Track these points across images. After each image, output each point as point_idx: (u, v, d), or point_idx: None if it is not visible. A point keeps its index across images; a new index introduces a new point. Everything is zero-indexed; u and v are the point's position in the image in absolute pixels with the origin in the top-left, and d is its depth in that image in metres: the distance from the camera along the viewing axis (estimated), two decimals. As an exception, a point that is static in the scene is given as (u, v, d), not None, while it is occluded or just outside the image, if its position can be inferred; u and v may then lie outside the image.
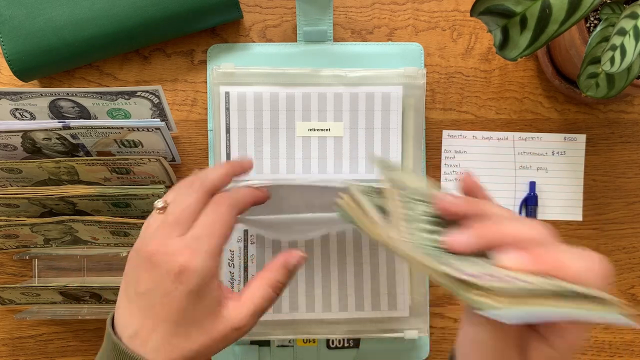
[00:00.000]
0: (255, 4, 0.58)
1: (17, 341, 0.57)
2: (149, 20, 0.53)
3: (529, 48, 0.41)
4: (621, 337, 0.58)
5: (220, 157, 0.54)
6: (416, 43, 0.57)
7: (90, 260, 0.57)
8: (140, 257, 0.37)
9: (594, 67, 0.44)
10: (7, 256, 0.57)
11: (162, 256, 0.36)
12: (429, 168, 0.57)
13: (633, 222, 0.58)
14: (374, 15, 0.58)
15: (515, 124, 0.58)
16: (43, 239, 0.53)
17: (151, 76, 0.57)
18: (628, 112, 0.58)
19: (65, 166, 0.50)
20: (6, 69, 0.56)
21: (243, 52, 0.57)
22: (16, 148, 0.52)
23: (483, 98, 0.57)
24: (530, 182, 0.57)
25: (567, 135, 0.57)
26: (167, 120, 0.52)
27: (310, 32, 0.55)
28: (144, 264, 0.37)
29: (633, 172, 0.58)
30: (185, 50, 0.57)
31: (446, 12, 0.58)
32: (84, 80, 0.57)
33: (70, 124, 0.49)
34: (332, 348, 0.56)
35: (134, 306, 0.37)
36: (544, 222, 0.33)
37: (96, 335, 0.57)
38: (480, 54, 0.58)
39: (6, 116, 0.51)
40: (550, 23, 0.39)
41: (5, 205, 0.51)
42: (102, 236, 0.53)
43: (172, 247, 0.36)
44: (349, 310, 0.54)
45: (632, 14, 0.41)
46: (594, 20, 0.47)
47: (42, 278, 0.57)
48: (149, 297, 0.36)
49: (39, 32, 0.52)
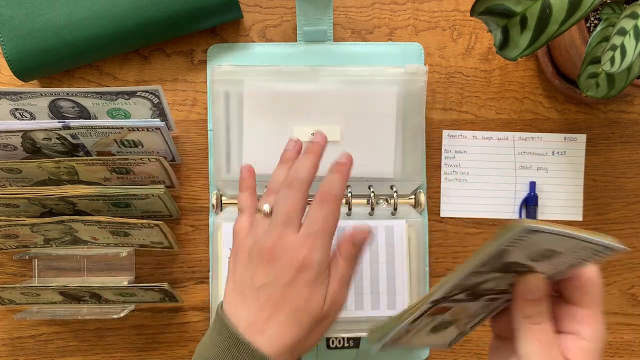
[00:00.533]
0: (255, 4, 0.57)
1: (17, 341, 0.57)
2: (149, 20, 0.53)
3: (529, 48, 0.41)
4: (621, 337, 0.58)
5: (220, 157, 0.54)
6: (416, 43, 0.57)
7: (90, 260, 0.57)
8: (256, 255, 0.41)
9: (594, 67, 0.44)
10: (7, 256, 0.57)
11: (282, 252, 0.40)
12: (429, 168, 0.57)
13: (633, 222, 0.58)
14: (374, 15, 0.58)
15: (515, 124, 0.58)
16: (43, 239, 0.53)
17: (151, 76, 0.57)
18: (628, 112, 0.58)
19: (65, 166, 0.50)
20: (6, 69, 0.56)
21: (243, 52, 0.57)
22: (16, 148, 0.52)
23: (483, 98, 0.57)
24: (530, 182, 0.57)
25: (567, 135, 0.57)
26: (167, 120, 0.52)
27: (310, 32, 0.55)
28: (261, 261, 0.40)
29: (633, 172, 0.58)
30: (185, 50, 0.57)
31: (446, 12, 0.58)
32: (84, 80, 0.57)
33: (70, 124, 0.49)
34: (332, 348, 0.56)
35: (248, 300, 0.40)
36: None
37: (96, 335, 0.57)
38: (480, 53, 0.58)
39: (6, 116, 0.51)
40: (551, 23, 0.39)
41: (5, 205, 0.51)
42: (102, 236, 0.53)
43: (291, 243, 0.40)
44: (348, 309, 0.54)
45: (632, 14, 0.41)
46: (594, 20, 0.47)
47: (42, 278, 0.57)
48: (267, 289, 0.40)
49: (39, 32, 0.52)
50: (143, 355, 0.57)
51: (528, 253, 0.31)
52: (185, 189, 0.57)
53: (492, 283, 0.34)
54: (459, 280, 0.33)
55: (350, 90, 0.54)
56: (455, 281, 0.33)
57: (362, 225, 0.42)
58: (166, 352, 0.57)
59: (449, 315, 0.37)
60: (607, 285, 0.58)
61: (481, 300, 0.36)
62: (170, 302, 0.54)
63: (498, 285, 0.35)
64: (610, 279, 0.58)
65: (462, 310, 0.37)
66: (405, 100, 0.54)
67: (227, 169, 0.55)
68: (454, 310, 0.37)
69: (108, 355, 0.57)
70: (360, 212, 0.54)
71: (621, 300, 0.58)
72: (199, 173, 0.57)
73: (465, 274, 0.32)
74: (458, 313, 0.38)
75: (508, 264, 0.32)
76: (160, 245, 0.54)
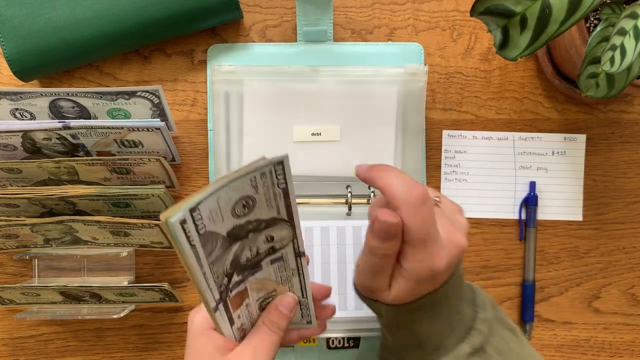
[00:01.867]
0: (255, 4, 0.58)
1: (17, 341, 0.57)
2: (149, 20, 0.53)
3: (529, 48, 0.41)
4: (621, 337, 0.58)
5: (220, 157, 0.54)
6: (416, 43, 0.57)
7: (90, 260, 0.57)
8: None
9: (594, 67, 0.44)
10: (7, 256, 0.57)
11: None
12: (429, 168, 0.57)
13: (633, 222, 0.58)
14: (374, 15, 0.58)
15: (515, 124, 0.58)
16: (43, 239, 0.53)
17: (151, 76, 0.57)
18: (628, 112, 0.58)
19: (65, 166, 0.50)
20: (6, 69, 0.56)
21: (243, 52, 0.57)
22: (16, 148, 0.52)
23: (483, 98, 0.57)
24: (530, 182, 0.57)
25: (567, 135, 0.57)
26: (167, 120, 0.52)
27: (310, 32, 0.55)
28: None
29: (633, 172, 0.58)
30: (185, 50, 0.57)
31: (446, 12, 0.58)
32: (84, 80, 0.57)
33: (70, 124, 0.49)
34: (332, 348, 0.56)
35: None
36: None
37: (96, 335, 0.57)
38: (480, 54, 0.58)
39: (6, 116, 0.51)
40: (550, 23, 0.39)
41: (5, 205, 0.51)
42: (102, 236, 0.53)
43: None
44: (348, 309, 0.54)
45: (632, 14, 0.41)
46: (594, 20, 0.47)
47: (42, 278, 0.57)
48: None
49: (39, 32, 0.52)
50: (143, 355, 0.57)
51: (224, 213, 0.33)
52: (185, 189, 0.57)
53: (246, 252, 0.37)
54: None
55: (350, 90, 0.54)
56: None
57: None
58: (166, 352, 0.57)
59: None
60: (607, 285, 0.58)
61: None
62: (170, 302, 0.54)
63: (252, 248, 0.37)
64: (610, 279, 0.58)
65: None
66: (405, 100, 0.54)
67: (227, 169, 0.55)
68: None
69: (108, 355, 0.57)
70: (360, 212, 0.54)
71: (621, 300, 0.58)
72: (199, 173, 0.57)
73: (206, 274, 0.34)
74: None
75: (230, 235, 0.35)
76: (160, 245, 0.54)
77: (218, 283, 0.35)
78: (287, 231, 0.37)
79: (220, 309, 0.36)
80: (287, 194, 0.35)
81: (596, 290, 0.58)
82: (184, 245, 0.31)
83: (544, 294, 0.57)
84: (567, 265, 0.58)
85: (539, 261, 0.57)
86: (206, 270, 0.33)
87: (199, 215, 0.31)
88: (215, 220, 0.33)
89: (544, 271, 0.57)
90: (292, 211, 0.36)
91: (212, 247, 0.33)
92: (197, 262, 0.32)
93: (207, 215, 0.32)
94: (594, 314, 0.58)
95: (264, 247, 0.38)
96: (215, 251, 0.34)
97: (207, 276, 0.33)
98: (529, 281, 0.57)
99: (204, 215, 0.31)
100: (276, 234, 0.37)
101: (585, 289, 0.58)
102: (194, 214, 0.31)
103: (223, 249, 0.35)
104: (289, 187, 0.35)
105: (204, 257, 0.33)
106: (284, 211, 0.36)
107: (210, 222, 0.32)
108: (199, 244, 0.32)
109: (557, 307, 0.57)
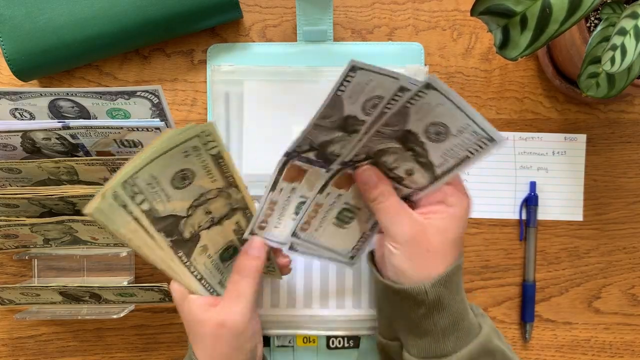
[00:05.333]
0: (255, 4, 0.57)
1: (17, 341, 0.57)
2: (149, 20, 0.53)
3: (529, 48, 0.41)
4: (621, 337, 0.58)
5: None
6: (416, 43, 0.57)
7: (90, 260, 0.57)
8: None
9: (594, 67, 0.44)
10: (7, 256, 0.57)
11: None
12: (429, 168, 0.57)
13: (633, 222, 0.58)
14: (374, 15, 0.58)
15: (515, 124, 0.57)
16: (43, 239, 0.53)
17: (151, 76, 0.57)
18: (628, 112, 0.58)
19: (65, 166, 0.50)
20: (6, 69, 0.56)
21: (243, 51, 0.57)
22: (16, 148, 0.52)
23: (483, 98, 0.57)
24: (530, 182, 0.57)
25: (568, 135, 0.57)
26: (167, 120, 0.52)
27: (310, 31, 0.55)
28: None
29: (633, 172, 0.58)
30: (185, 50, 0.57)
31: (446, 12, 0.58)
32: (84, 80, 0.57)
33: (69, 124, 0.49)
34: (332, 348, 0.56)
35: None
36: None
37: (96, 335, 0.57)
38: (480, 53, 0.58)
39: (6, 116, 0.51)
40: (551, 23, 0.39)
41: (5, 205, 0.51)
42: (102, 236, 0.53)
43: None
44: (346, 308, 0.54)
45: (632, 14, 0.41)
46: (594, 20, 0.47)
47: (42, 278, 0.57)
48: None
49: (39, 32, 0.52)
50: (143, 356, 0.57)
51: (420, 118, 0.41)
52: (185, 189, 0.57)
53: (337, 146, 0.43)
54: (306, 134, 0.41)
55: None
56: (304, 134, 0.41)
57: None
58: (166, 352, 0.57)
59: (329, 195, 0.46)
60: (607, 285, 0.58)
61: (335, 164, 0.44)
62: (170, 302, 0.54)
63: (343, 151, 0.43)
64: (610, 279, 0.58)
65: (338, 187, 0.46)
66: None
67: (227, 169, 0.55)
68: (310, 177, 0.45)
69: (108, 355, 0.57)
70: None
71: (621, 300, 0.58)
72: (198, 173, 0.57)
73: (310, 127, 0.40)
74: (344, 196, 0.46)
75: (347, 120, 0.41)
76: (160, 245, 0.54)
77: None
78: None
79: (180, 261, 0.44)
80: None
81: (596, 290, 0.58)
82: (332, 93, 0.39)
83: (544, 294, 0.57)
84: (567, 265, 0.58)
85: (539, 261, 0.57)
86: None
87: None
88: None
89: (544, 271, 0.57)
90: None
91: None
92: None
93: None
94: (595, 314, 0.57)
95: (348, 157, 0.44)
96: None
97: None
98: (529, 281, 0.57)
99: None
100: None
101: (586, 289, 0.58)
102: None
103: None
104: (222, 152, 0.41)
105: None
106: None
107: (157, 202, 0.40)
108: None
109: (557, 307, 0.57)
